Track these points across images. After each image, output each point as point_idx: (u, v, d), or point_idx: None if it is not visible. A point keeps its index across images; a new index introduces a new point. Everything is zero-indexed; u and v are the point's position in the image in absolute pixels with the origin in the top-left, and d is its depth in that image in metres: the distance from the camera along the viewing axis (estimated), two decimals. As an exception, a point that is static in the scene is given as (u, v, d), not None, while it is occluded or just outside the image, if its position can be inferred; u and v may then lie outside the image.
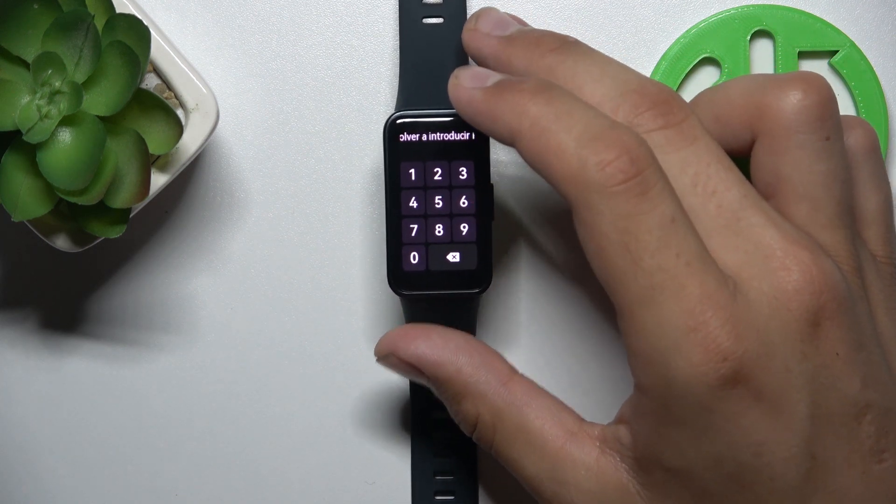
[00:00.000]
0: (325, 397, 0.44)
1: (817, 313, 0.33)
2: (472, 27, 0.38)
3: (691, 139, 0.34)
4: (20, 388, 0.44)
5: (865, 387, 0.33)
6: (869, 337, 0.34)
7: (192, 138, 0.40)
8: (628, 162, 0.32)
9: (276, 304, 0.44)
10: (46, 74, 0.37)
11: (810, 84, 0.35)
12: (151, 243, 0.44)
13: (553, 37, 0.36)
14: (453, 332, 0.39)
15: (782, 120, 0.35)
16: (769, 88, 0.35)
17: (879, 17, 0.43)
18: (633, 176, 0.32)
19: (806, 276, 0.33)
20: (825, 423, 0.33)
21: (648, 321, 0.32)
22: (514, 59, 0.36)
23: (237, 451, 0.44)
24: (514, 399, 0.38)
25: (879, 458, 0.33)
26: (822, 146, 0.35)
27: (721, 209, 0.34)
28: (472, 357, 0.38)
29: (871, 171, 0.37)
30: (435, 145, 0.39)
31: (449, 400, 0.38)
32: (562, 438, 0.37)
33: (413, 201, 0.39)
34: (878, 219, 0.37)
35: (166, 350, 0.44)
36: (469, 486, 0.43)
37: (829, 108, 0.35)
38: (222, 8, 0.44)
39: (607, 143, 0.32)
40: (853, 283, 0.34)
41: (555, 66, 0.35)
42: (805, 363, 0.33)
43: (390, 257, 0.39)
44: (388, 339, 0.39)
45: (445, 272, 0.39)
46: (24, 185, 0.38)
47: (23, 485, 0.45)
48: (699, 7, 0.43)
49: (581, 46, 0.36)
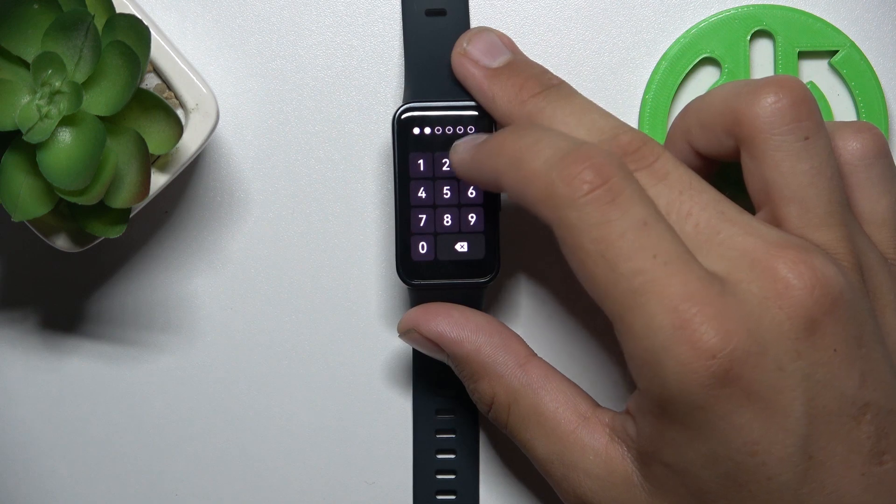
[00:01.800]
0: (324, 397, 0.44)
1: (812, 309, 0.33)
2: (461, 51, 0.40)
3: (663, 175, 0.35)
4: (20, 388, 0.44)
5: (864, 385, 0.33)
6: (870, 334, 0.34)
7: (192, 138, 0.40)
8: (593, 172, 0.33)
9: (275, 304, 0.44)
10: (46, 74, 0.37)
11: (782, 86, 0.35)
12: (151, 243, 0.44)
13: (536, 81, 0.38)
14: (474, 312, 0.40)
15: (758, 125, 0.35)
16: (743, 95, 0.36)
17: (879, 17, 0.43)
18: (600, 185, 0.33)
19: (794, 273, 0.33)
20: (822, 423, 0.33)
21: (636, 325, 0.33)
22: (497, 99, 0.39)
23: (237, 451, 0.44)
24: (530, 381, 0.38)
25: (880, 459, 0.33)
26: (801, 146, 0.35)
27: (699, 227, 0.34)
28: (491, 337, 0.39)
29: (881, 174, 0.38)
30: (443, 136, 0.40)
31: (466, 378, 0.39)
32: (574, 423, 0.37)
33: (422, 192, 0.40)
34: (889, 221, 0.38)
35: (166, 350, 0.44)
36: (471, 486, 0.43)
37: (804, 107, 0.35)
38: (222, 8, 0.44)
39: (573, 158, 0.33)
40: (853, 280, 0.34)
41: (534, 114, 0.37)
42: (799, 361, 0.32)
43: (399, 247, 0.40)
44: (410, 315, 0.40)
45: (453, 262, 0.40)
46: (24, 185, 0.38)
47: (23, 485, 0.45)
48: (699, 7, 0.43)
49: (563, 91, 0.38)
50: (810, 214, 0.35)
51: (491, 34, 0.40)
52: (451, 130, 0.40)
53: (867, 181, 0.37)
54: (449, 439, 0.43)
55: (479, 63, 0.39)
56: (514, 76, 0.39)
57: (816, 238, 0.35)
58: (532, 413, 0.38)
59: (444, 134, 0.40)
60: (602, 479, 0.36)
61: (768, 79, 0.36)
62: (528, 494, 0.44)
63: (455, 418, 0.43)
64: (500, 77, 0.39)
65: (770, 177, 0.35)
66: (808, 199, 0.35)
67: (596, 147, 0.34)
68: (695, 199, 0.34)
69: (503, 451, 0.44)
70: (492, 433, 0.44)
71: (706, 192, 0.35)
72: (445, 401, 0.43)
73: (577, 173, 0.33)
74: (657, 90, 0.43)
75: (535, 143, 0.35)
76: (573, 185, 0.33)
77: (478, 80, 0.39)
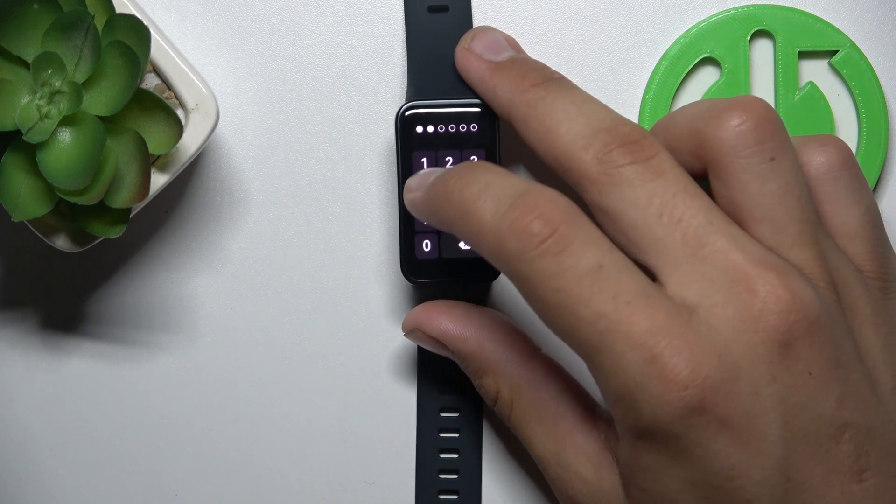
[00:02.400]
0: (325, 397, 0.44)
1: (787, 333, 0.32)
2: (465, 45, 0.40)
3: (659, 172, 0.34)
4: (20, 388, 0.44)
5: (842, 405, 0.33)
6: (848, 354, 0.34)
7: (192, 138, 0.40)
8: (541, 223, 0.33)
9: (275, 303, 0.44)
10: (46, 74, 0.37)
11: (744, 108, 0.35)
12: (151, 243, 0.44)
13: (538, 72, 0.38)
14: (478, 309, 0.40)
15: (723, 148, 0.35)
16: (707, 118, 0.36)
17: (879, 17, 0.43)
18: (549, 236, 0.33)
19: (772, 296, 0.33)
20: (799, 444, 0.33)
21: (606, 365, 0.33)
22: (498, 89, 0.38)
23: (237, 451, 0.44)
24: (533, 378, 0.38)
25: (860, 477, 0.33)
26: (767, 167, 0.35)
27: (686, 237, 0.34)
28: (494, 334, 0.39)
29: (848, 185, 0.37)
30: (446, 134, 0.40)
31: (472, 374, 0.39)
32: (571, 423, 0.37)
33: None
34: (861, 233, 0.37)
35: (166, 350, 0.44)
36: (473, 486, 0.43)
37: (768, 128, 0.35)
38: (222, 8, 0.44)
39: (520, 210, 0.33)
40: (829, 300, 0.34)
41: (535, 102, 0.37)
42: (774, 385, 0.32)
43: (403, 245, 0.40)
44: (414, 314, 0.40)
45: (457, 260, 0.40)
46: (24, 185, 0.38)
47: (23, 485, 0.45)
48: (699, 7, 0.43)
49: (564, 84, 0.37)
50: (783, 234, 0.35)
51: (495, 32, 0.40)
52: (453, 128, 0.40)
53: (835, 194, 0.37)
54: (452, 438, 0.43)
55: (483, 57, 0.39)
56: (516, 69, 0.38)
57: (790, 258, 0.34)
58: (533, 410, 0.38)
59: (448, 132, 0.40)
60: (591, 485, 0.36)
61: (731, 100, 0.36)
62: (531, 495, 0.44)
63: (459, 417, 0.43)
64: (502, 70, 0.39)
65: (738, 199, 0.35)
66: (779, 219, 0.35)
67: (541, 191, 0.33)
68: (687, 204, 0.34)
69: (506, 451, 0.44)
70: (495, 432, 0.44)
71: (698, 199, 0.34)
72: (450, 399, 0.43)
73: (525, 226, 0.33)
74: (657, 90, 0.43)
75: (481, 192, 0.34)
76: (522, 238, 0.33)
77: (480, 72, 0.39)
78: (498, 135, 0.40)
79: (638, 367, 0.32)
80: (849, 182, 0.37)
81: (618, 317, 0.32)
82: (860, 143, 0.43)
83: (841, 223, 0.37)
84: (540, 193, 0.33)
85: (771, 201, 0.35)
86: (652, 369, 0.32)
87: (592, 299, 0.32)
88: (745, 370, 0.32)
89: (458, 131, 0.40)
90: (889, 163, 0.43)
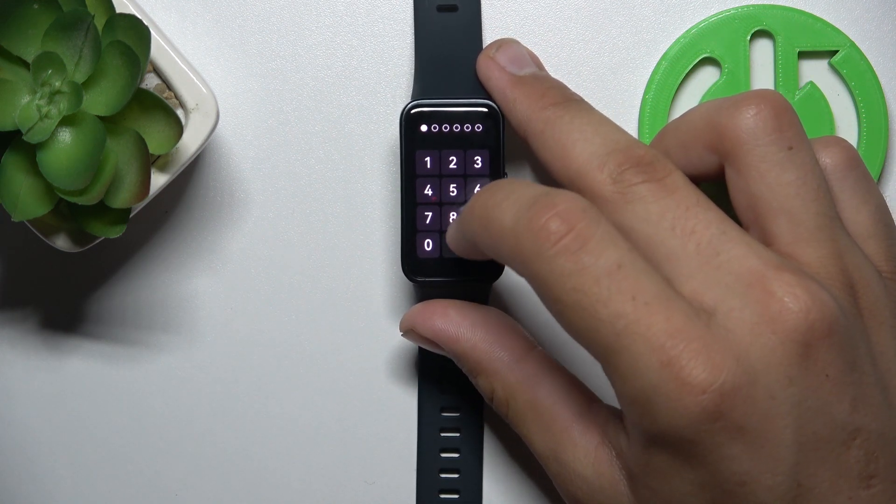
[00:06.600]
0: (325, 397, 0.44)
1: (807, 333, 0.32)
2: (490, 55, 0.40)
3: (672, 190, 0.34)
4: (20, 388, 0.44)
5: (855, 410, 0.33)
6: (863, 357, 0.34)
7: (192, 138, 0.40)
8: (558, 221, 0.32)
9: (276, 304, 0.44)
10: (46, 74, 0.37)
11: (762, 98, 0.35)
12: (151, 243, 0.44)
13: (558, 91, 0.38)
14: (473, 307, 0.40)
15: (740, 137, 0.35)
16: (724, 109, 0.36)
17: (879, 17, 0.43)
18: (566, 233, 0.32)
19: (791, 296, 0.32)
20: (811, 450, 0.33)
21: (623, 367, 0.32)
22: (518, 103, 0.39)
23: (237, 451, 0.44)
24: (527, 376, 0.38)
25: (868, 483, 0.33)
26: (785, 156, 0.35)
27: (700, 247, 0.34)
28: (488, 333, 0.39)
29: (855, 185, 0.37)
30: (450, 134, 0.40)
31: (468, 373, 0.40)
32: (568, 419, 0.37)
33: (428, 189, 0.40)
34: (875, 232, 0.37)
35: (166, 350, 0.44)
36: (474, 485, 0.43)
37: (785, 118, 0.35)
38: (222, 8, 0.44)
39: (537, 209, 0.33)
40: (844, 302, 0.34)
41: (553, 120, 0.37)
42: (791, 388, 0.32)
43: (405, 244, 0.40)
44: (409, 314, 0.40)
45: (459, 259, 0.40)
46: (24, 185, 0.38)
47: (23, 485, 0.45)
48: (699, 7, 0.43)
49: (582, 105, 0.38)
50: (800, 228, 0.35)
51: (520, 47, 0.41)
52: (458, 128, 0.40)
53: (842, 193, 0.37)
54: (453, 438, 0.43)
55: (506, 69, 0.40)
56: (537, 85, 0.39)
57: (807, 254, 0.34)
58: (529, 409, 0.38)
59: (452, 131, 0.40)
60: (590, 481, 0.36)
61: (748, 93, 0.36)
62: (532, 494, 0.44)
63: (460, 416, 0.43)
64: (523, 84, 0.39)
65: (756, 189, 0.35)
66: (796, 210, 0.35)
67: (561, 192, 0.33)
68: (699, 217, 0.34)
69: (507, 450, 0.44)
70: (496, 432, 0.44)
71: (711, 211, 0.34)
72: (451, 398, 0.43)
73: (543, 224, 0.33)
74: (657, 90, 0.43)
75: (503, 199, 0.34)
76: (540, 237, 0.33)
77: (501, 83, 0.39)
78: (502, 135, 0.40)
79: (655, 370, 0.32)
80: (856, 182, 0.37)
81: (636, 317, 0.32)
82: (860, 143, 0.43)
83: (852, 222, 0.37)
84: (559, 194, 0.33)
85: (788, 192, 0.35)
86: (669, 373, 0.32)
87: (611, 300, 0.32)
88: (762, 374, 0.32)
89: (463, 131, 0.40)
90: (889, 163, 0.43)
